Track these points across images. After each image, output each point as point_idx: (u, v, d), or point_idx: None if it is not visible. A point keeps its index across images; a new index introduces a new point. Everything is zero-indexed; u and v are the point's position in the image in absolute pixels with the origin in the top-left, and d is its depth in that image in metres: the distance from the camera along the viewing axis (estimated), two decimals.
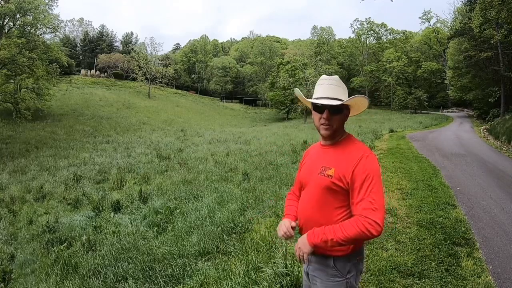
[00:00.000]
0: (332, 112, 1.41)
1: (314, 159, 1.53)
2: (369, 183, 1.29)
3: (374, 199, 1.27)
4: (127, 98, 40.19)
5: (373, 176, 1.31)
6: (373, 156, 1.38)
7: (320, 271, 1.44)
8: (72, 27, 66.14)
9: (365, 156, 1.35)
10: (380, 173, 1.36)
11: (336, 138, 1.47)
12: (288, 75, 46.55)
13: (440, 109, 44.53)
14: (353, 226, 1.26)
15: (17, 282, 4.85)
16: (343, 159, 1.38)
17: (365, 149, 1.39)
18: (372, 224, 1.23)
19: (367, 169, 1.32)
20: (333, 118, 1.42)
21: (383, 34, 55.31)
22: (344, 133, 1.48)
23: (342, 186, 1.35)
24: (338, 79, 1.46)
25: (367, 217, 1.24)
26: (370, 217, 1.24)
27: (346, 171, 1.34)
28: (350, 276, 1.41)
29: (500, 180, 6.48)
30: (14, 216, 8.36)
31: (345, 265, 1.40)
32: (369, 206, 1.26)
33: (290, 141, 15.03)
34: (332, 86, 1.43)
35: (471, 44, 24.37)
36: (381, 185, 1.33)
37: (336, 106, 1.40)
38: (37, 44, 24.03)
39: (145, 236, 5.23)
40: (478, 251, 3.28)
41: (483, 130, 18.82)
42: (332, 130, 1.43)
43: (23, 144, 18.58)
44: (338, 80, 1.46)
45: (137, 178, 10.92)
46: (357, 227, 1.24)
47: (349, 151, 1.39)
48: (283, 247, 3.26)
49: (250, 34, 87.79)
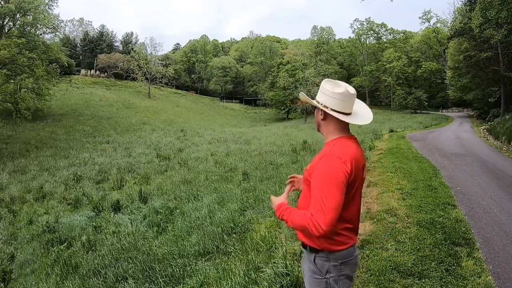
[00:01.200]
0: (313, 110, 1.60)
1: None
2: (321, 183, 1.32)
3: (323, 201, 1.29)
4: (127, 98, 40.18)
5: (326, 177, 1.32)
6: (332, 158, 1.36)
7: (306, 265, 1.52)
8: (72, 27, 66.18)
9: (324, 157, 1.38)
10: (337, 175, 1.32)
11: (324, 135, 1.55)
12: (288, 75, 46.56)
13: (440, 109, 44.51)
14: (302, 217, 1.34)
15: (17, 282, 4.85)
16: (316, 157, 1.47)
17: (329, 150, 1.40)
18: (314, 224, 1.28)
19: (322, 170, 1.35)
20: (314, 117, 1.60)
21: (383, 34, 55.28)
22: (335, 135, 1.49)
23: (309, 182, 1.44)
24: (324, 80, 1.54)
25: (312, 216, 1.29)
26: (315, 217, 1.28)
27: (311, 168, 1.44)
28: (330, 277, 1.42)
29: (500, 180, 6.48)
30: (14, 216, 8.37)
31: (323, 264, 1.43)
32: (316, 207, 1.30)
33: (290, 141, 15.03)
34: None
35: (471, 44, 24.37)
36: (336, 188, 1.31)
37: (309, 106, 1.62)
38: (37, 44, 24.04)
39: (145, 236, 5.23)
40: (478, 251, 3.28)
41: (483, 130, 18.82)
42: (316, 125, 1.59)
43: (23, 144, 18.58)
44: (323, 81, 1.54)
45: (137, 178, 10.93)
46: (303, 220, 1.32)
47: (323, 150, 1.46)
48: (283, 247, 3.26)
49: (250, 34, 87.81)
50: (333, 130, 1.50)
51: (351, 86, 1.49)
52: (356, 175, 1.40)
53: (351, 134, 1.52)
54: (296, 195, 5.43)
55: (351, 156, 1.39)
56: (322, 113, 1.50)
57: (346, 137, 1.48)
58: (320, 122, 1.54)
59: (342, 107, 1.45)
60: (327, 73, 47.49)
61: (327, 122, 1.51)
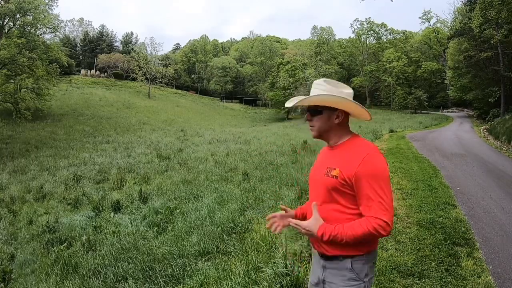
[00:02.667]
0: (312, 113, 1.46)
1: (320, 161, 1.53)
2: (376, 184, 1.26)
3: (383, 199, 1.25)
4: (127, 98, 40.18)
5: (379, 176, 1.27)
6: (379, 155, 1.32)
7: (337, 276, 1.38)
8: (72, 27, 66.24)
9: (369, 155, 1.30)
10: (387, 172, 1.31)
11: (333, 140, 1.46)
12: (288, 75, 46.64)
13: (440, 109, 44.51)
14: (362, 225, 1.25)
15: (17, 282, 4.85)
16: (347, 159, 1.34)
17: (370, 148, 1.34)
18: (382, 226, 1.23)
19: (373, 169, 1.28)
20: (314, 120, 1.46)
21: (383, 34, 55.31)
22: (348, 134, 1.45)
23: (347, 187, 1.32)
24: (323, 82, 1.45)
25: (377, 218, 1.23)
26: (381, 217, 1.23)
27: (350, 171, 1.30)
28: (368, 279, 1.37)
29: (500, 180, 6.48)
30: (14, 216, 8.36)
31: (363, 267, 1.36)
32: (379, 207, 1.24)
33: (290, 141, 15.03)
34: (314, 89, 1.46)
35: (471, 44, 24.38)
36: (389, 185, 1.29)
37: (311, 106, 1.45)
38: (37, 44, 24.04)
39: (145, 236, 5.23)
40: (478, 251, 3.28)
41: (483, 130, 18.82)
42: (317, 132, 1.46)
43: (23, 144, 18.58)
44: (322, 83, 1.45)
45: (137, 178, 10.92)
46: (366, 227, 1.24)
47: (354, 150, 1.36)
48: (283, 247, 3.26)
49: (250, 34, 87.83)
50: (346, 131, 1.46)
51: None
52: None
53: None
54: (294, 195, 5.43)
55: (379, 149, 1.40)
56: (341, 116, 1.42)
57: (357, 135, 1.46)
58: (333, 127, 1.44)
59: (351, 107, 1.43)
60: (327, 73, 47.53)
61: (341, 125, 1.44)
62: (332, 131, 1.45)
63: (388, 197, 1.26)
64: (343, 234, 1.27)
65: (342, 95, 1.38)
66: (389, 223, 1.23)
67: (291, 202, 5.08)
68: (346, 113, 1.44)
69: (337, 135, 1.45)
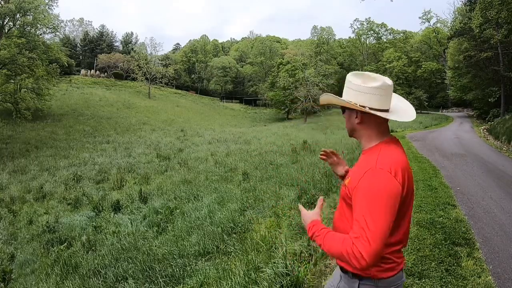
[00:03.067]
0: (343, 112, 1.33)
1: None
2: (367, 205, 1.07)
3: (368, 227, 1.04)
4: (127, 98, 40.18)
5: (373, 198, 1.07)
6: (380, 172, 1.10)
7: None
8: (72, 27, 66.22)
9: (371, 170, 1.11)
10: (387, 194, 1.07)
11: (363, 144, 1.29)
12: (288, 75, 46.61)
13: (440, 109, 44.52)
14: (340, 242, 1.09)
15: (17, 282, 4.85)
16: (357, 170, 1.20)
17: (375, 162, 1.14)
18: (355, 255, 1.03)
19: (368, 188, 1.09)
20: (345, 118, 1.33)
21: (383, 34, 55.35)
22: (377, 139, 1.25)
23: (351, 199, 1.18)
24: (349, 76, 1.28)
25: (354, 244, 1.04)
26: (357, 246, 1.03)
27: (353, 184, 1.16)
28: None
29: (500, 180, 6.48)
30: (14, 216, 8.36)
31: None
32: (360, 233, 1.04)
33: (290, 141, 15.04)
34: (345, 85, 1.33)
35: (471, 44, 24.38)
36: (384, 210, 1.06)
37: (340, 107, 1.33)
38: (37, 44, 24.03)
39: (145, 236, 5.23)
40: (478, 251, 3.28)
41: (483, 130, 18.82)
42: (348, 131, 1.35)
43: (23, 144, 18.57)
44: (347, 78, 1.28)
45: (137, 178, 10.92)
46: (341, 247, 1.07)
47: (366, 161, 1.19)
48: (283, 247, 3.26)
49: (250, 34, 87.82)
50: (374, 134, 1.25)
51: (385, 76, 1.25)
52: (408, 187, 1.16)
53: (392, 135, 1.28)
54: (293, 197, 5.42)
55: (401, 165, 1.14)
56: (359, 115, 1.24)
57: (389, 141, 1.24)
58: (356, 127, 1.27)
59: (381, 104, 1.20)
60: (327, 73, 47.52)
61: (365, 126, 1.25)
62: (357, 132, 1.29)
63: (376, 225, 1.04)
64: (323, 240, 1.15)
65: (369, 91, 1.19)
66: (364, 257, 1.01)
67: (291, 202, 5.08)
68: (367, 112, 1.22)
69: (364, 137, 1.27)
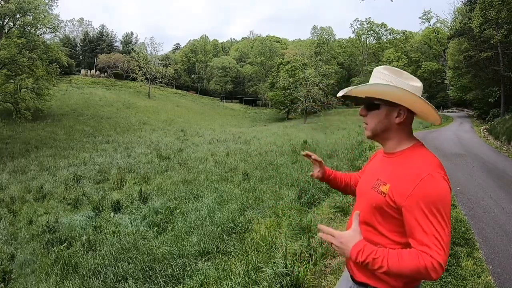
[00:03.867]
0: (368, 107, 1.18)
1: (372, 168, 1.28)
2: (432, 215, 1.00)
3: (440, 234, 0.99)
4: (127, 98, 40.18)
5: (439, 205, 1.01)
6: (440, 177, 1.04)
7: None
8: (72, 27, 66.21)
9: (431, 176, 1.03)
10: (449, 200, 1.04)
11: (389, 145, 1.20)
12: (288, 75, 46.60)
13: (440, 109, 44.51)
14: (412, 258, 0.98)
15: (17, 282, 4.85)
16: (402, 175, 1.08)
17: (432, 166, 1.07)
18: (434, 266, 0.96)
19: (432, 195, 1.01)
20: (369, 116, 1.18)
21: (383, 34, 55.42)
22: (410, 141, 1.17)
23: (395, 209, 1.07)
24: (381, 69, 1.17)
25: (430, 256, 0.97)
26: (435, 256, 0.96)
27: (402, 191, 1.05)
28: None
29: (500, 180, 6.48)
30: (14, 216, 8.36)
31: None
32: (433, 243, 0.98)
33: (290, 141, 15.05)
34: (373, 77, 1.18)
35: (471, 44, 24.38)
36: (449, 216, 1.03)
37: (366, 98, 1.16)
38: (37, 44, 24.03)
39: (145, 236, 5.23)
40: (478, 251, 3.28)
41: (483, 130, 18.82)
42: (370, 131, 1.19)
43: (23, 144, 18.58)
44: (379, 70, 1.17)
45: (137, 178, 10.92)
46: (416, 263, 0.97)
47: (411, 166, 1.08)
48: (283, 247, 3.26)
49: (250, 34, 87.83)
50: (406, 136, 1.17)
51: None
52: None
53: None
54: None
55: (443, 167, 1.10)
56: (404, 114, 1.14)
57: (422, 144, 1.18)
58: (393, 127, 1.16)
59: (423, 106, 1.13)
60: (327, 73, 47.52)
61: (403, 126, 1.16)
62: (391, 133, 1.18)
63: (446, 233, 1.00)
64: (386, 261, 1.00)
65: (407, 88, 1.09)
66: (442, 265, 0.96)
67: (291, 202, 5.08)
68: (410, 112, 1.15)
69: (396, 139, 1.17)
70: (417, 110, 1.15)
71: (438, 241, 0.98)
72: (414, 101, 1.11)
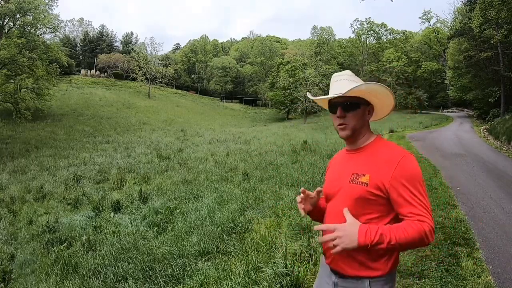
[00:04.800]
0: (346, 108, 1.25)
1: (340, 167, 1.34)
2: (415, 189, 1.13)
3: (425, 204, 1.12)
4: (127, 98, 40.18)
5: (419, 179, 1.15)
6: (412, 158, 1.19)
7: None
8: (72, 27, 66.19)
9: (406, 157, 1.17)
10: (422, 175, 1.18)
11: (361, 140, 1.30)
12: (288, 75, 46.57)
13: (440, 109, 44.51)
14: (413, 227, 1.07)
15: (17, 282, 4.85)
16: (378, 164, 1.19)
17: (402, 150, 1.21)
18: (430, 230, 1.08)
19: (411, 172, 1.15)
20: (348, 116, 1.25)
21: (383, 34, 55.37)
22: (372, 135, 1.31)
23: (379, 195, 1.16)
24: (350, 73, 1.30)
25: (425, 222, 1.08)
26: (429, 222, 1.08)
27: (384, 177, 1.16)
28: None
29: (500, 180, 6.48)
30: (14, 216, 8.36)
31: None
32: (423, 212, 1.10)
33: (290, 141, 15.04)
34: (343, 81, 1.27)
35: (471, 44, 24.37)
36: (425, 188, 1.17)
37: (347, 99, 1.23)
38: (37, 44, 24.03)
39: (145, 236, 5.23)
40: (478, 251, 3.28)
41: (483, 130, 18.81)
42: (350, 130, 1.26)
43: (23, 144, 18.57)
44: (350, 74, 1.29)
45: (137, 178, 10.92)
46: (418, 229, 1.07)
47: (384, 154, 1.21)
48: (283, 247, 3.26)
49: (250, 34, 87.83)
50: (370, 131, 1.32)
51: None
52: None
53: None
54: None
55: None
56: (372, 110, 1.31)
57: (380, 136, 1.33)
58: (366, 124, 1.30)
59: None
60: (327, 73, 47.49)
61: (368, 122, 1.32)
62: (363, 129, 1.29)
63: (428, 201, 1.13)
64: (394, 234, 1.07)
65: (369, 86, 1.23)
66: (433, 230, 1.08)
67: (291, 202, 5.08)
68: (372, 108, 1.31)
69: (366, 134, 1.29)
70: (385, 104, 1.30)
71: (426, 210, 1.11)
72: (388, 94, 1.26)
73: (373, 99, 1.28)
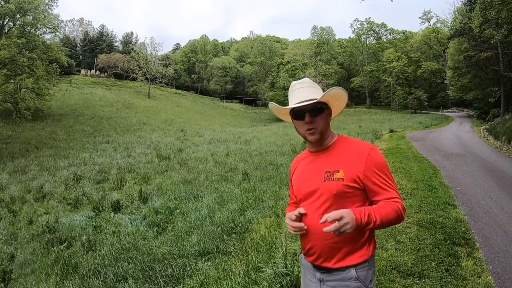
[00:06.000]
0: (314, 114, 1.31)
1: (309, 168, 1.39)
2: (386, 174, 1.29)
3: (395, 187, 1.29)
4: (127, 98, 40.18)
5: (385, 167, 1.30)
6: (378, 149, 1.35)
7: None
8: (72, 27, 66.13)
9: (371, 150, 1.30)
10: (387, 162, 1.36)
11: (326, 140, 1.37)
12: (288, 75, 46.62)
13: (440, 109, 44.50)
14: (390, 207, 1.22)
15: (17, 282, 4.85)
16: (349, 158, 1.29)
17: (367, 144, 1.35)
18: (404, 207, 1.26)
19: (379, 162, 1.29)
20: (316, 120, 1.31)
21: (383, 34, 55.35)
22: (334, 134, 1.40)
23: (356, 187, 1.26)
24: (309, 80, 1.39)
25: (399, 202, 1.25)
26: (401, 202, 1.26)
27: (357, 169, 1.26)
28: (372, 284, 1.28)
29: (500, 180, 6.48)
30: (14, 216, 8.36)
31: (367, 274, 1.27)
32: (395, 194, 1.27)
33: (290, 141, 15.03)
34: (305, 88, 1.35)
35: (471, 44, 24.37)
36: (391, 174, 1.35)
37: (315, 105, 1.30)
38: (37, 44, 24.04)
39: (145, 236, 5.23)
40: (478, 251, 3.28)
41: (483, 130, 18.81)
42: (319, 133, 1.33)
43: (23, 144, 18.58)
44: (310, 82, 1.38)
45: (137, 178, 10.92)
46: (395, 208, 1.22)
47: (352, 148, 1.31)
48: (283, 247, 3.26)
49: (250, 34, 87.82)
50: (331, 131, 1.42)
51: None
52: None
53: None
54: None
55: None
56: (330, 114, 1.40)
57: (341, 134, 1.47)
58: (328, 125, 1.38)
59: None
60: (327, 73, 47.53)
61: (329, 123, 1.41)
62: (327, 131, 1.37)
63: (396, 184, 1.31)
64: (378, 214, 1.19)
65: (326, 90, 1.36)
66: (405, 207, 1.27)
67: None
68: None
69: (330, 134, 1.39)
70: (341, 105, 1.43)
71: (396, 192, 1.28)
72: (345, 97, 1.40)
73: (335, 102, 1.40)
